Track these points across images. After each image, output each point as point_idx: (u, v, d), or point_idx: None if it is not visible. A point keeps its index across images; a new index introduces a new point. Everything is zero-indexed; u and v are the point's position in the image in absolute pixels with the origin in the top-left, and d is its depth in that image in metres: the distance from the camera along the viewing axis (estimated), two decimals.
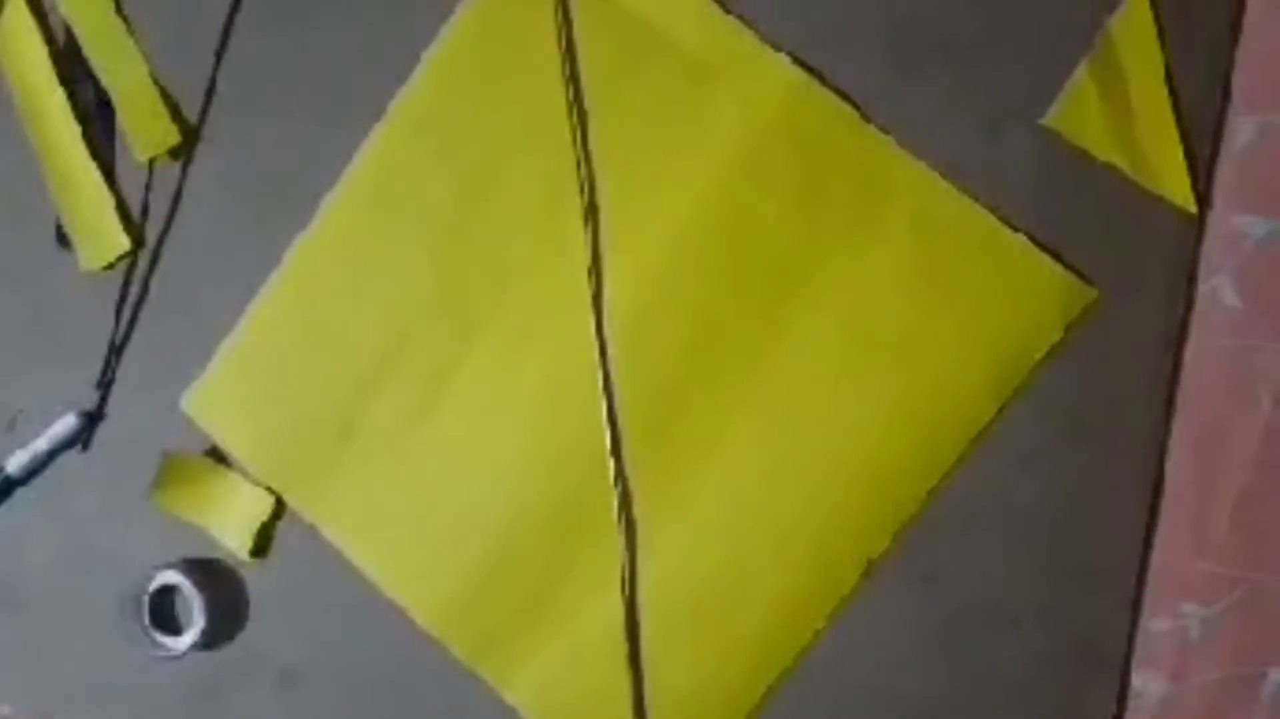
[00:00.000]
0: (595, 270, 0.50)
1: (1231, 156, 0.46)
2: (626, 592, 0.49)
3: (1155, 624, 0.45)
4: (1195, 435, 0.45)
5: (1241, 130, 0.45)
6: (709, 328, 0.49)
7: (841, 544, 0.48)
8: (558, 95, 0.50)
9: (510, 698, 0.50)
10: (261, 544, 0.52)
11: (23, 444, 0.53)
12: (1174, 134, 0.45)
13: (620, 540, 0.49)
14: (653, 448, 0.49)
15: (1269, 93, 0.45)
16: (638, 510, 0.49)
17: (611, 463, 0.49)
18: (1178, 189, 0.45)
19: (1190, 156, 0.45)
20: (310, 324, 0.52)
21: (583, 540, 0.50)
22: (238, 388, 0.53)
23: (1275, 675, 0.45)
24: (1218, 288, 0.46)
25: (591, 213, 0.50)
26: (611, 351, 0.49)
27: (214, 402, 0.53)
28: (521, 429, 0.51)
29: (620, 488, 0.49)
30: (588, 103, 0.50)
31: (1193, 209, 0.45)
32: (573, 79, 0.50)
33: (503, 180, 0.51)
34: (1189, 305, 0.46)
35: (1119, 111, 0.45)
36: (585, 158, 0.50)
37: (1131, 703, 0.45)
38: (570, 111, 0.50)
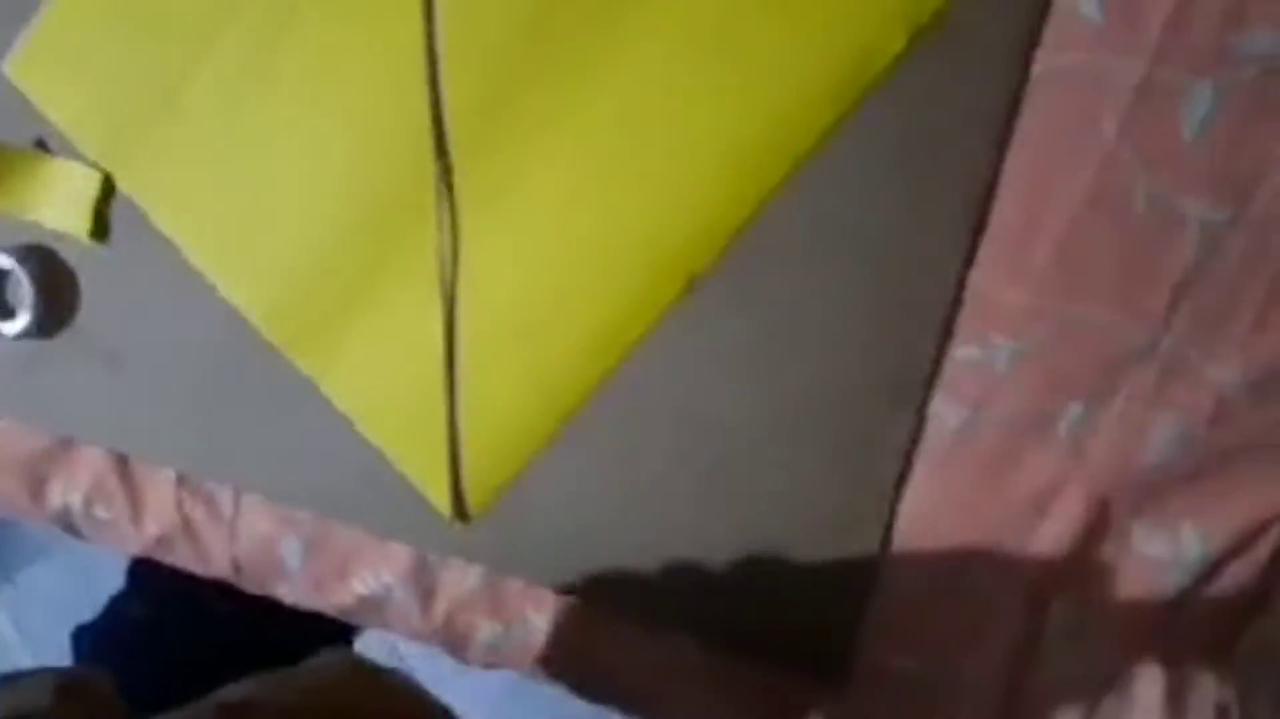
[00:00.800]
0: None
1: None
2: (446, 291, 0.48)
3: (961, 352, 0.45)
4: (1030, 160, 0.43)
5: None
6: (542, 13, 0.46)
7: (665, 259, 0.47)
8: None
9: (326, 390, 0.50)
10: (100, 227, 0.51)
11: None
12: None
13: (442, 239, 0.48)
14: (478, 141, 0.48)
15: None
16: (462, 209, 0.48)
17: (434, 155, 0.47)
18: None
19: None
20: None
21: (406, 237, 0.49)
22: (61, 53, 0.51)
23: (1074, 408, 0.44)
24: None
25: None
26: (438, 31, 0.47)
27: (37, 66, 0.51)
28: (345, 115, 0.49)
29: (442, 181, 0.48)
30: None
31: None
32: None
33: None
34: (1043, 16, 0.43)
35: None
36: None
37: (929, 430, 0.45)
38: None
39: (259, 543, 0.53)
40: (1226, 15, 0.41)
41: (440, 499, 0.50)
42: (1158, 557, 0.44)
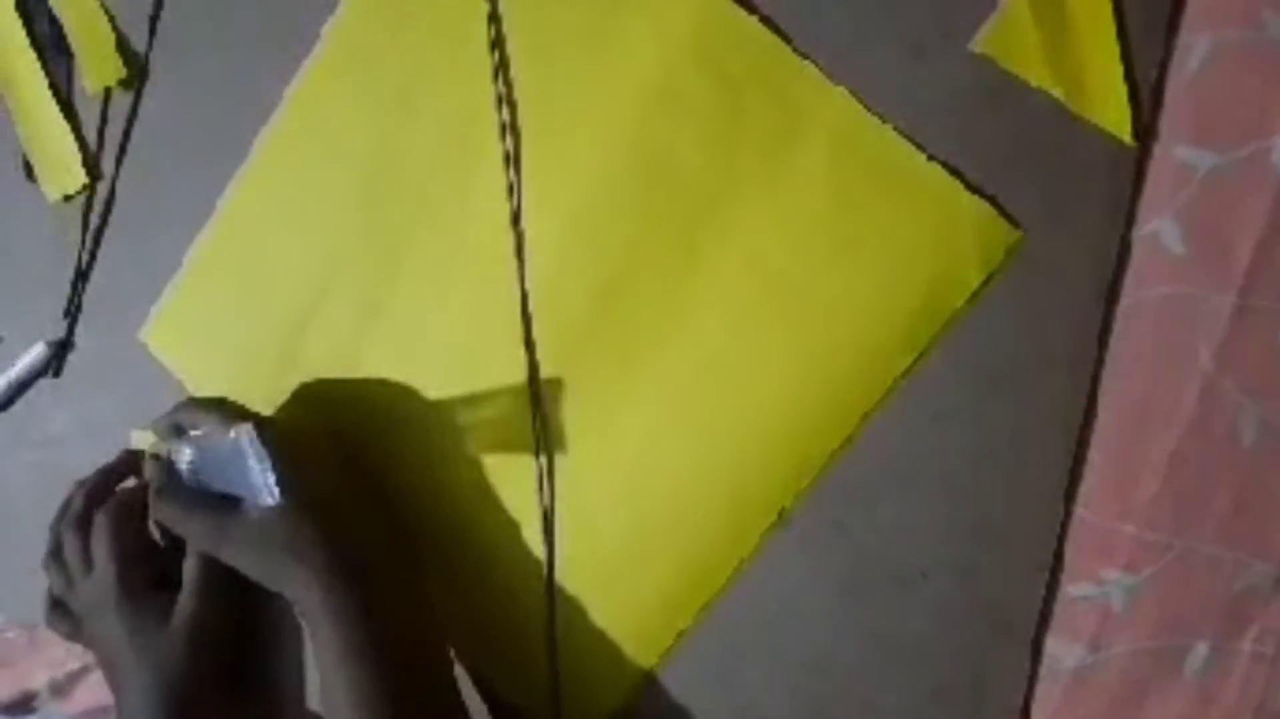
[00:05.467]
0: (515, 205, 0.52)
1: (1181, 80, 0.43)
2: (545, 533, 0.53)
3: (1075, 589, 0.46)
4: (1126, 391, 0.45)
5: (1195, 50, 0.43)
6: (625, 264, 0.51)
7: (753, 493, 0.50)
8: (476, 23, 0.52)
9: None
10: None
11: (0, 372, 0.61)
12: (1114, 55, 0.43)
13: (537, 476, 0.52)
14: (570, 384, 0.52)
15: (1226, 5, 0.43)
16: (555, 448, 0.53)
17: (530, 399, 0.52)
18: (1116, 118, 0.44)
19: (1133, 82, 0.44)
20: (250, 259, 0.57)
21: (505, 483, 0.53)
22: (188, 321, 0.59)
23: (1201, 649, 0.45)
24: (1159, 231, 0.44)
25: (510, 146, 0.52)
26: (529, 286, 0.52)
27: (168, 333, 0.59)
28: (445, 362, 0.54)
29: (538, 423, 0.52)
30: (506, 31, 0.52)
31: (1132, 141, 0.44)
32: (493, 7, 0.52)
33: (421, 112, 0.53)
34: (1125, 250, 0.45)
35: (1054, 33, 0.44)
36: (505, 92, 0.52)
37: (1045, 670, 0.46)
38: (489, 43, 0.52)
39: None
40: None
41: None
42: None
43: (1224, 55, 0.42)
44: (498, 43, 0.51)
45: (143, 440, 0.56)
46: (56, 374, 0.61)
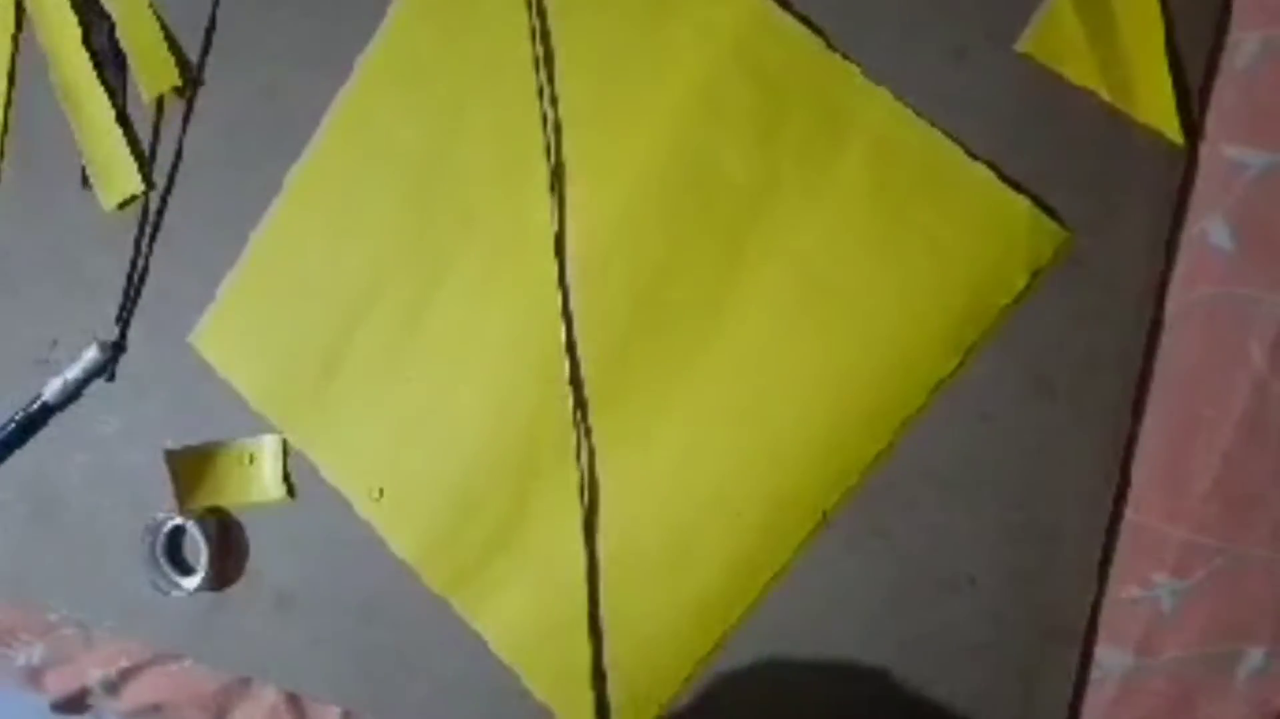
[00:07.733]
0: (558, 211, 0.53)
1: (1229, 80, 0.43)
2: (588, 531, 0.53)
3: (1123, 593, 0.46)
4: (1176, 391, 0.45)
5: (1242, 49, 0.43)
6: (667, 269, 0.52)
7: (796, 496, 0.50)
8: (522, 32, 0.53)
9: (479, 629, 0.56)
10: (289, 487, 0.59)
11: (56, 374, 0.62)
12: (1160, 55, 0.44)
13: (579, 479, 0.53)
14: (612, 388, 0.53)
15: (1276, 3, 0.43)
16: (597, 451, 0.53)
17: (572, 403, 0.53)
18: (1164, 117, 0.44)
19: (1181, 81, 0.44)
20: (299, 264, 0.58)
21: (546, 477, 0.54)
22: (238, 325, 0.60)
23: (1253, 655, 0.44)
24: (1208, 229, 0.44)
25: (554, 152, 0.53)
26: (572, 291, 0.53)
27: (218, 337, 0.60)
28: (489, 367, 0.55)
29: (580, 427, 0.53)
30: (551, 39, 0.53)
31: (1180, 140, 0.44)
32: (538, 16, 0.53)
33: (468, 120, 0.55)
34: (1174, 249, 0.45)
35: (1100, 32, 0.44)
36: (549, 98, 0.53)
37: (1093, 675, 0.46)
38: (534, 51, 0.53)
39: None
40: None
41: None
42: None
43: (1274, 53, 0.42)
44: (543, 51, 0.52)
45: None
46: (110, 378, 0.62)
